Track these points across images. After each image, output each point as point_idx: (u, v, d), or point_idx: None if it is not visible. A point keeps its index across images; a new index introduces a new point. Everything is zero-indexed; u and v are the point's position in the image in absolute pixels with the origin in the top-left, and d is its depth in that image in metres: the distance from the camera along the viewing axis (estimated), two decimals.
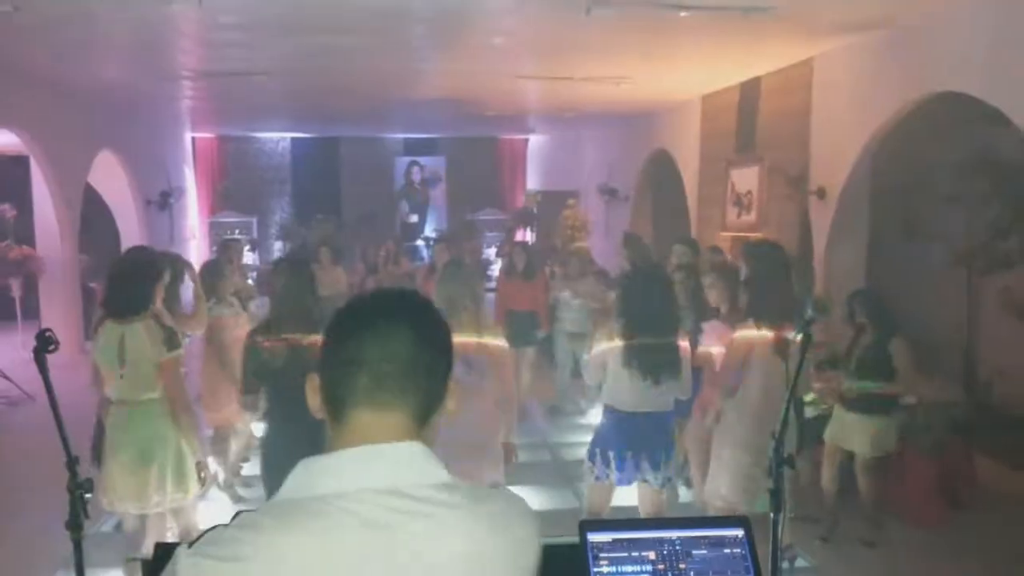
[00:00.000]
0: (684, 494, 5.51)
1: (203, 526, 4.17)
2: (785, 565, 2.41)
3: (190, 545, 1.06)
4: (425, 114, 11.62)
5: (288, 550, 1.01)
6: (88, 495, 2.15)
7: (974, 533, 5.16)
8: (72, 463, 2.14)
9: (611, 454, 4.06)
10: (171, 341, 3.74)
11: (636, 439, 4.03)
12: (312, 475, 1.09)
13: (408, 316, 1.19)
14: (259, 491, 5.61)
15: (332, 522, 1.03)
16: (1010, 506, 5.55)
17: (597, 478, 4.12)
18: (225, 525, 1.07)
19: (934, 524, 5.21)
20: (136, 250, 4.61)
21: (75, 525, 2.11)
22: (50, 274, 9.43)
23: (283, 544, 1.02)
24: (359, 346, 1.15)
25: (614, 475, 4.07)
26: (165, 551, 1.80)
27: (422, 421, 1.16)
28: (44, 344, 1.93)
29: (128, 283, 3.80)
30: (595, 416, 5.25)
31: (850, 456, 4.96)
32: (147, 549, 3.71)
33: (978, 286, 7.51)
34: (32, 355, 1.94)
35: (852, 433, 4.85)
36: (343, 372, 1.15)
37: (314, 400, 1.19)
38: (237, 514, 1.09)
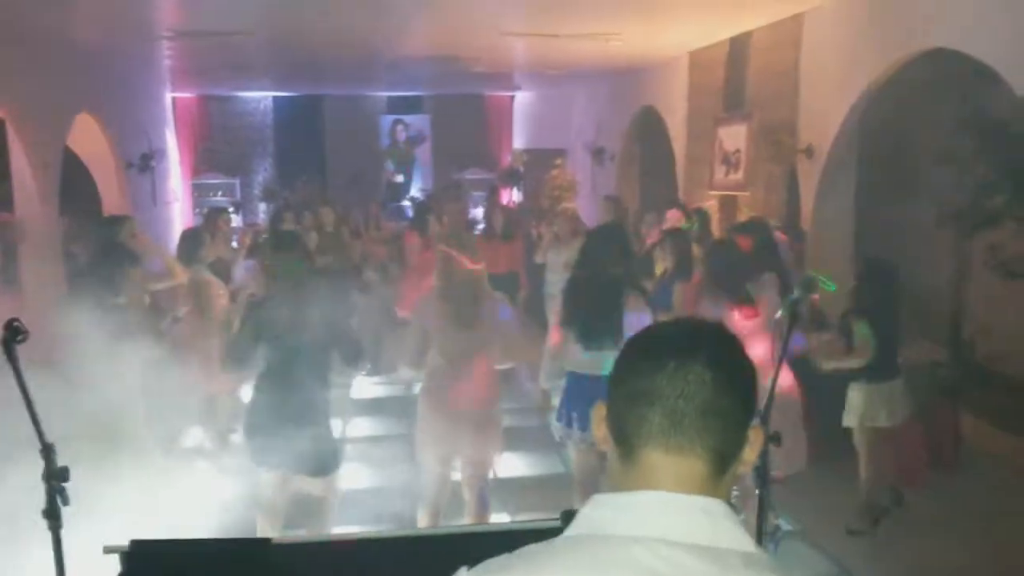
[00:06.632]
0: None
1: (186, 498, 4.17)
2: (771, 547, 2.40)
3: (469, 567, 1.04)
4: (409, 71, 11.39)
5: None
6: (66, 483, 2.12)
7: (958, 492, 5.22)
8: (47, 450, 2.10)
9: (573, 415, 4.15)
10: None
11: (594, 400, 4.12)
12: (607, 512, 1.02)
13: (706, 354, 1.06)
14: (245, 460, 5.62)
15: (619, 563, 0.96)
16: (993, 465, 5.60)
17: (560, 438, 4.29)
18: (509, 554, 1.03)
19: (919, 485, 5.25)
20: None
21: (52, 514, 2.07)
22: (30, 239, 9.27)
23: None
24: (652, 380, 1.05)
25: (576, 435, 4.16)
26: (142, 548, 1.79)
27: (720, 472, 1.05)
28: (13, 334, 1.88)
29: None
30: None
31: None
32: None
33: (965, 245, 7.49)
34: (1, 345, 1.89)
35: (878, 406, 4.68)
36: (632, 406, 1.06)
37: (599, 430, 1.12)
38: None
